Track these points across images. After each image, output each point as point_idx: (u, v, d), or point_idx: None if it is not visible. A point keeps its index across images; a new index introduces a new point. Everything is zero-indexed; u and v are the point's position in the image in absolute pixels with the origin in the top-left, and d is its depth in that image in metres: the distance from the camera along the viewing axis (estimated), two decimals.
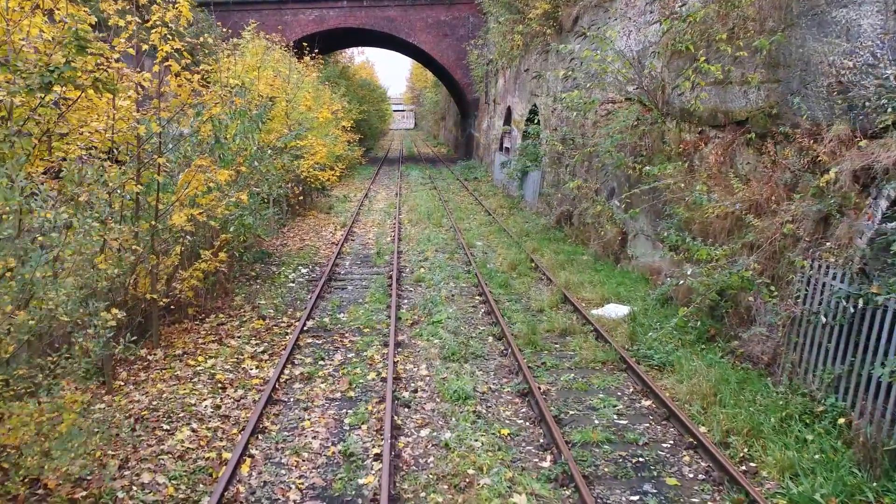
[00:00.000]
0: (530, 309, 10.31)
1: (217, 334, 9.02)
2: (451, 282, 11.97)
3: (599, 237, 13.29)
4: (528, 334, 8.78)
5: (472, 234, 16.48)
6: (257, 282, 11.88)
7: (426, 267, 13.14)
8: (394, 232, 17.04)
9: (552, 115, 18.34)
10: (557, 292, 10.70)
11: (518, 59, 24.42)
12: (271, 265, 13.17)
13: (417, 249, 14.78)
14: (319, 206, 21.28)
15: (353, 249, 15.14)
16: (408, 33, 36.60)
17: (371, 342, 8.80)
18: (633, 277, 11.31)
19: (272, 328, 9.38)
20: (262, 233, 11.92)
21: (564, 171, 16.46)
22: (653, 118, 10.93)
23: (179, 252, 9.23)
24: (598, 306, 10.27)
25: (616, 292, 10.53)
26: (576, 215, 15.23)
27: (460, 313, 9.98)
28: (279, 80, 17.87)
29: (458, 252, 14.48)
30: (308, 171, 18.34)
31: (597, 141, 13.60)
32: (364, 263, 13.76)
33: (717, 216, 8.21)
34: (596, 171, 14.02)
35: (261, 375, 7.68)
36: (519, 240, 15.32)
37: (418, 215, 19.42)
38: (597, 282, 11.32)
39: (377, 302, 10.70)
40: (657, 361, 7.84)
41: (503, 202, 21.71)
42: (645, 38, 11.95)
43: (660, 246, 10.82)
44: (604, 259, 12.82)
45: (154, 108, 8.38)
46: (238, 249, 11.21)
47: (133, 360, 8.05)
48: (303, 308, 10.32)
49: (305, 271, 12.95)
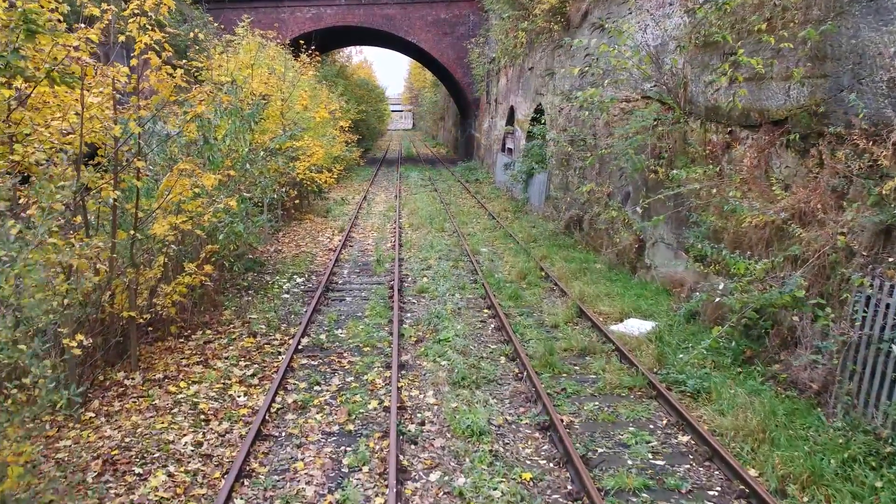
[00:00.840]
0: (544, 324, 9.52)
1: (203, 354, 8.21)
2: (456, 293, 11.18)
3: (613, 244, 12.51)
4: (544, 355, 7.98)
5: (477, 240, 15.69)
6: (249, 293, 11.08)
7: (429, 276, 12.34)
8: (394, 237, 16.24)
9: (559, 114, 17.55)
10: (572, 306, 9.91)
11: (521, 57, 23.63)
12: (264, 274, 12.37)
13: (419, 256, 13.99)
14: (316, 210, 20.47)
15: (351, 256, 14.34)
16: (407, 31, 35.80)
17: (372, 363, 8.00)
18: (653, 289, 10.52)
19: (263, 347, 8.57)
20: (255, 241, 11.12)
21: (573, 174, 15.68)
22: (674, 118, 10.15)
23: (163, 264, 8.44)
24: (618, 321, 9.48)
25: (636, 306, 9.74)
26: (586, 220, 14.45)
27: (468, 329, 9.19)
28: (274, 79, 17.08)
29: (462, 259, 13.68)
30: (304, 174, 17.55)
31: (610, 142, 12.82)
32: (363, 272, 12.96)
33: (756, 226, 7.43)
34: (609, 174, 13.24)
35: (249, 404, 6.87)
36: (526, 246, 14.53)
37: (419, 219, 18.63)
38: (614, 294, 10.53)
39: (378, 316, 9.90)
40: (691, 388, 7.05)
41: (507, 205, 20.92)
42: (664, 33, 11.17)
43: (682, 255, 10.03)
44: (619, 268, 12.04)
45: (133, 105, 7.59)
46: (228, 259, 10.41)
47: (108, 384, 7.25)
48: (297, 323, 9.52)
49: (301, 281, 12.15)
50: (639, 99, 12.02)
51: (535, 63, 21.32)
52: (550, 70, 16.36)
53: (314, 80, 23.89)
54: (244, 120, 11.43)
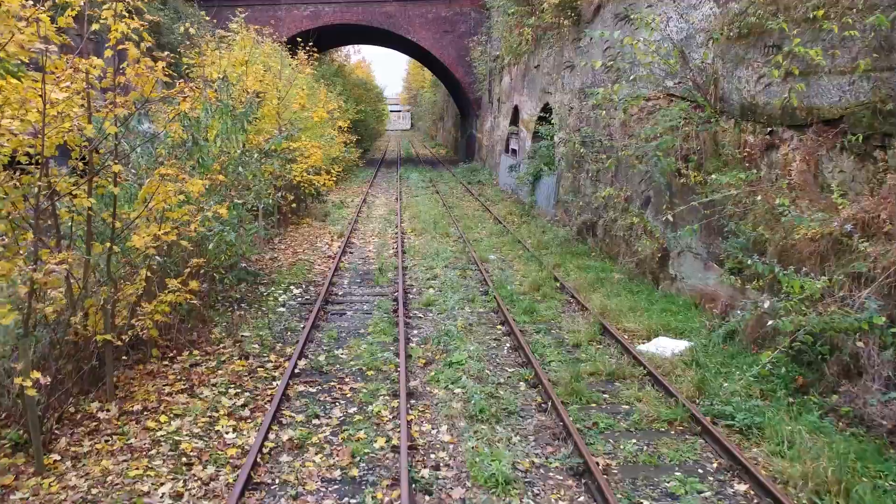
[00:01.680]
0: (564, 343, 8.69)
1: (188, 380, 7.36)
2: (466, 306, 10.34)
3: (632, 253, 11.68)
4: (568, 381, 7.14)
5: (484, 246, 14.86)
6: (242, 306, 10.22)
7: (436, 287, 11.51)
8: (396, 243, 15.40)
9: (569, 114, 16.73)
10: (594, 322, 9.08)
11: (527, 55, 22.81)
12: (259, 285, 11.51)
13: (424, 265, 13.15)
14: (314, 214, 19.63)
15: (351, 264, 13.50)
16: (406, 30, 34.98)
17: (377, 391, 7.16)
18: (680, 303, 9.70)
19: (256, 370, 7.73)
20: (248, 250, 10.27)
21: (586, 177, 14.86)
22: (705, 117, 9.32)
23: (145, 279, 7.59)
24: (645, 340, 8.66)
25: (664, 323, 8.91)
26: (600, 226, 13.62)
27: (482, 350, 8.35)
28: (269, 76, 16.24)
29: (470, 268, 12.85)
30: (301, 176, 16.70)
31: (628, 143, 12.00)
32: (364, 282, 12.12)
33: (812, 238, 6.60)
34: (627, 177, 12.42)
35: (239, 443, 6.02)
36: (537, 253, 13.70)
37: (422, 224, 17.79)
38: (637, 308, 9.71)
39: (382, 333, 9.06)
40: (740, 422, 6.22)
41: (513, 209, 20.09)
42: (689, 25, 10.35)
43: (714, 267, 9.21)
44: (639, 279, 11.21)
45: (109, 102, 6.75)
46: (218, 271, 9.56)
47: (80, 418, 6.41)
48: (294, 342, 8.68)
49: (298, 292, 11.30)
50: (661, 97, 11.20)
51: (542, 61, 20.50)
52: (570, 63, 15.47)
53: (312, 78, 23.06)
54: (237, 119, 10.61)
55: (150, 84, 7.02)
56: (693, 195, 9.63)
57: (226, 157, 10.51)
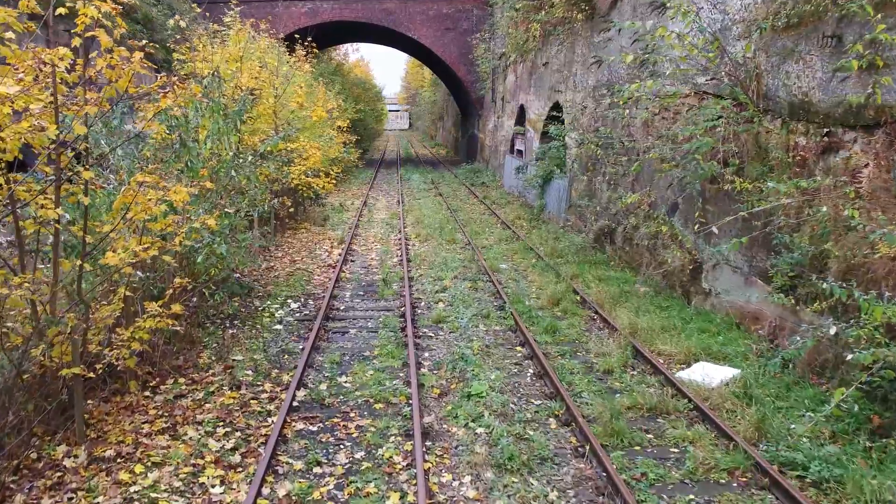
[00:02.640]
0: (593, 369, 7.79)
1: (171, 416, 6.45)
2: (480, 323, 9.44)
3: (658, 263, 10.79)
4: (606, 419, 6.24)
5: (494, 254, 13.96)
6: (234, 324, 9.31)
7: (445, 300, 10.60)
8: (400, 250, 14.50)
9: (583, 114, 15.84)
10: (625, 344, 8.19)
11: (534, 52, 21.92)
12: (254, 298, 10.60)
13: (432, 275, 12.24)
14: (313, 218, 18.70)
15: (353, 274, 12.58)
16: (407, 27, 34.07)
17: (387, 430, 6.25)
18: (718, 322, 8.81)
19: (249, 403, 6.82)
20: (241, 263, 9.35)
21: (602, 180, 13.97)
22: (746, 116, 8.43)
23: (123, 299, 6.67)
24: (684, 365, 7.77)
25: (704, 345, 8.02)
26: (620, 234, 12.73)
27: (503, 378, 7.44)
28: (266, 73, 15.32)
29: (481, 279, 11.94)
30: (299, 179, 15.78)
31: (652, 144, 11.12)
32: (368, 294, 11.21)
33: (893, 257, 5.71)
34: (650, 181, 11.53)
35: (227, 500, 5.11)
36: (552, 262, 12.80)
37: (426, 229, 16.88)
38: (670, 327, 8.82)
39: (389, 356, 8.15)
40: (814, 474, 5.32)
41: (521, 213, 19.20)
42: (725, 16, 9.46)
43: (757, 283, 8.32)
44: (667, 293, 10.31)
45: (79, 99, 5.86)
46: (208, 287, 8.65)
47: (43, 466, 5.50)
48: (292, 367, 7.77)
49: (296, 306, 10.38)
50: (689, 94, 10.31)
51: (551, 58, 19.61)
52: (598, 58, 14.54)
53: (311, 76, 22.16)
54: (229, 119, 9.70)
55: (127, 78, 6.10)
56: (730, 202, 8.74)
57: (217, 159, 9.60)
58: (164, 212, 6.80)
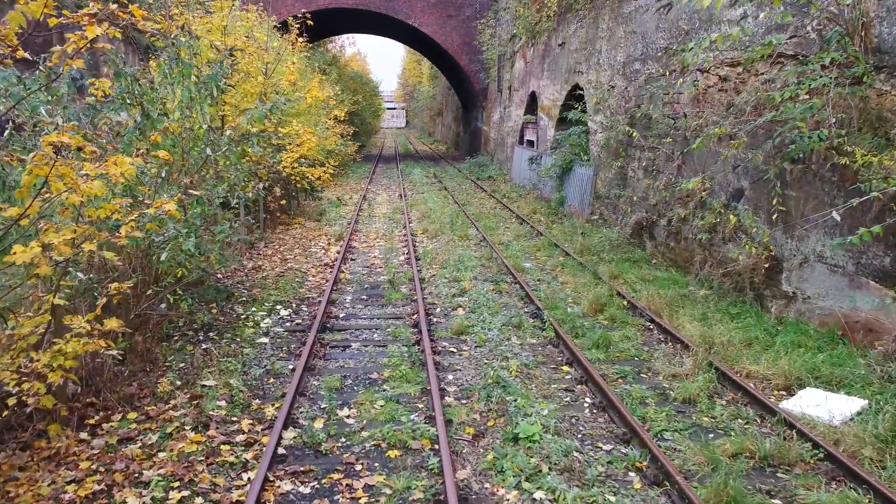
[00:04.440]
0: (669, 397, 6.04)
1: (108, 471, 4.68)
2: (511, 335, 7.70)
3: (717, 261, 9.05)
4: (714, 478, 4.49)
5: (515, 252, 12.20)
6: (210, 337, 7.54)
7: (466, 306, 8.85)
8: (406, 247, 12.73)
9: (610, 93, 14.09)
10: (703, 363, 6.43)
11: (547, 33, 20.19)
12: (236, 304, 8.83)
13: (446, 276, 10.48)
14: (308, 212, 16.92)
15: (354, 275, 10.81)
16: (406, 14, 32.31)
17: (408, 493, 4.49)
18: (812, 333, 7.07)
19: (218, 450, 5.04)
20: (219, 262, 7.57)
21: (637, 166, 12.23)
22: (852, 75, 6.69)
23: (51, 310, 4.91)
24: (784, 392, 6.03)
25: (807, 366, 6.26)
26: (662, 227, 10.98)
27: (555, 411, 5.69)
28: (254, 47, 13.56)
29: (504, 280, 10.19)
30: (292, 168, 14.00)
31: (703, 122, 9.39)
32: (372, 299, 9.45)
33: None
34: (700, 163, 9.79)
35: None
36: (584, 261, 11.06)
37: (434, 224, 15.10)
38: (753, 339, 7.08)
39: (403, 380, 6.40)
40: None
41: (536, 206, 17.44)
42: None
43: (868, 286, 6.58)
44: (733, 297, 8.56)
45: None
46: (174, 293, 6.87)
47: None
48: (278, 396, 6.00)
49: (286, 314, 8.62)
50: (758, 60, 8.57)
51: (568, 37, 17.87)
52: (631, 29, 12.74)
53: (305, 59, 20.42)
54: (204, 84, 7.93)
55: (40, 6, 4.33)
56: (823, 184, 7.01)
57: (189, 135, 7.84)
58: (105, 194, 5.04)
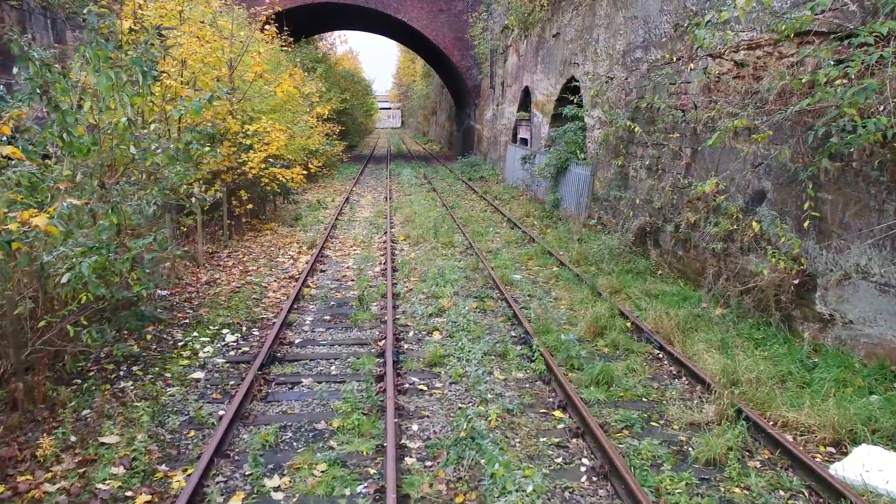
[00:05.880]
0: (687, 457, 4.78)
1: None
2: (495, 367, 6.44)
3: (733, 274, 7.80)
4: None
5: (504, 261, 10.93)
6: (132, 372, 6.26)
7: (443, 328, 7.59)
8: (385, 256, 11.47)
9: (609, 85, 12.84)
10: (729, 409, 5.17)
11: (541, 24, 18.93)
12: (175, 328, 7.56)
13: (424, 290, 9.21)
14: (282, 216, 15.64)
15: (320, 290, 9.53)
16: (396, 9, 31.02)
17: None
18: (857, 367, 5.81)
19: None
20: (139, 284, 6.25)
21: (640, 165, 10.97)
22: None
23: None
24: (832, 447, 4.78)
25: (861, 413, 4.99)
26: (668, 233, 9.73)
27: (543, 479, 4.43)
28: (215, 36, 12.29)
29: (490, 295, 8.93)
30: (260, 168, 12.72)
31: (715, 114, 8.15)
32: (336, 320, 8.18)
33: None
34: (712, 162, 8.54)
35: None
36: (581, 272, 9.80)
37: (418, 229, 13.82)
38: (785, 374, 5.82)
39: (356, 431, 5.12)
40: None
41: (530, 209, 16.17)
42: None
43: None
44: (755, 317, 7.30)
45: None
46: (77, 323, 5.58)
47: None
48: (192, 459, 4.73)
49: (232, 339, 7.35)
50: (784, 38, 7.32)
51: (563, 27, 16.61)
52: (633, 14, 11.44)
53: (279, 53, 19.15)
54: (128, 69, 6.65)
55: None
56: (868, 185, 5.76)
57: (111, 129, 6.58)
58: None
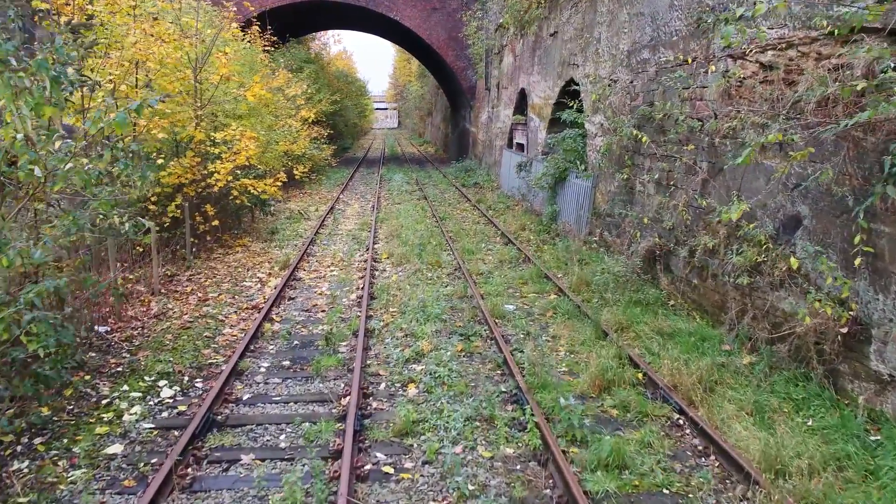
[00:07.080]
0: None
1: None
2: (479, 440, 5.25)
3: (762, 312, 6.62)
4: None
5: (496, 287, 9.73)
6: (32, 447, 5.07)
7: (421, 382, 6.39)
8: (363, 279, 10.27)
9: (612, 89, 11.66)
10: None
11: (538, 22, 17.75)
12: (102, 379, 6.36)
13: (403, 326, 8.02)
14: (258, 230, 14.43)
15: (285, 324, 8.33)
16: (388, 8, 29.80)
17: None
18: None
19: None
20: (39, 342, 5.04)
21: (648, 179, 9.79)
22: None
23: None
24: None
25: None
26: (680, 258, 8.54)
27: None
28: (173, 30, 11.08)
29: (478, 333, 7.74)
30: (227, 181, 11.51)
31: (736, 124, 6.98)
32: (296, 367, 6.98)
33: None
34: (732, 178, 7.36)
35: None
36: (584, 304, 8.60)
37: (403, 246, 12.60)
38: (842, 458, 4.64)
39: None
40: None
41: (525, 221, 14.96)
42: None
43: None
44: (790, 367, 6.11)
45: None
46: None
47: None
48: None
49: (169, 396, 6.15)
50: (809, 42, 6.14)
51: (561, 25, 15.43)
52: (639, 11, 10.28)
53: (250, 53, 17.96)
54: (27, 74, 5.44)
55: None
56: None
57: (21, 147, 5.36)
58: None
